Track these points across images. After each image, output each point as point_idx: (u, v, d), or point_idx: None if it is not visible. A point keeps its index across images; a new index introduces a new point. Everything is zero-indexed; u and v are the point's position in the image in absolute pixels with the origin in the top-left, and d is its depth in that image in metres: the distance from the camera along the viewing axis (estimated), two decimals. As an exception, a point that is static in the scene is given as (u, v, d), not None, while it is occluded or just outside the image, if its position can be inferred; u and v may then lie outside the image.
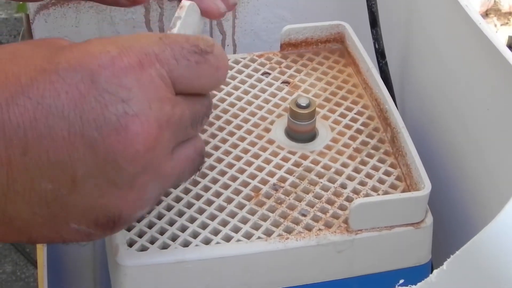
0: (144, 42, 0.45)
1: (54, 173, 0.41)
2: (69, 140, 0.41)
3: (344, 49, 0.72)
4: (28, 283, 1.43)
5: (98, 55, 0.43)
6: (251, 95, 0.68)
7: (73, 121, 0.41)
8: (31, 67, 0.42)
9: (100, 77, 0.42)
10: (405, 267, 0.59)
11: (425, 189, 0.57)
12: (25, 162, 0.41)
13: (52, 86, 0.41)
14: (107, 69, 0.42)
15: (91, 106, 0.42)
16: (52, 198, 0.42)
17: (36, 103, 0.40)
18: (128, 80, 0.43)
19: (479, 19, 0.62)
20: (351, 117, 0.66)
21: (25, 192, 0.41)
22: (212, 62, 0.47)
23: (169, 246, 0.55)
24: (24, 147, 0.40)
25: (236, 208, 0.58)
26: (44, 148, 0.41)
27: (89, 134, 0.42)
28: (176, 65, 0.45)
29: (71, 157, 0.41)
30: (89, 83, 0.42)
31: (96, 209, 0.44)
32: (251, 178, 0.60)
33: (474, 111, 0.65)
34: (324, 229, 0.57)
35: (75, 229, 0.44)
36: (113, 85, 0.42)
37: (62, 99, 0.41)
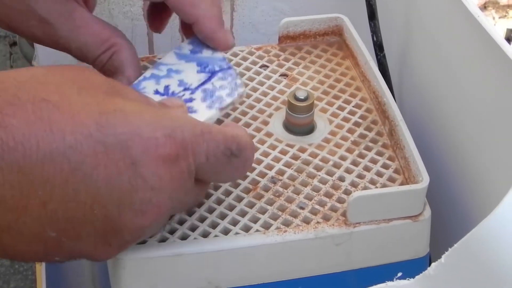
0: (188, 132, 0.46)
1: (63, 226, 0.43)
2: (90, 207, 0.43)
3: (342, 42, 0.72)
4: (26, 276, 1.43)
5: (146, 140, 0.44)
6: (249, 88, 0.68)
7: (101, 194, 0.43)
8: (78, 124, 0.42)
9: (140, 162, 0.44)
10: (403, 260, 0.59)
11: (423, 182, 0.57)
12: (40, 213, 0.41)
13: (95, 157, 0.42)
14: (149, 155, 0.44)
15: (123, 186, 0.43)
16: (52, 242, 0.44)
17: (74, 168, 0.41)
18: (163, 170, 0.45)
19: (477, 12, 0.62)
20: (349, 110, 0.66)
21: (29, 235, 0.43)
22: (235, 165, 0.50)
23: (167, 239, 0.55)
24: (46, 201, 0.41)
25: (234, 201, 0.58)
26: (65, 207, 0.42)
27: (110, 209, 0.44)
28: (205, 162, 0.47)
29: (85, 217, 0.44)
30: (129, 163, 0.43)
31: (83, 254, 0.46)
32: (249, 171, 0.60)
33: (472, 104, 0.65)
34: (322, 222, 0.57)
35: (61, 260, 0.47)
36: (149, 172, 0.44)
37: (99, 171, 0.42)
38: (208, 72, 0.62)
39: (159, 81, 0.60)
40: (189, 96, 0.60)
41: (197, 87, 0.61)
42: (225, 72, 0.62)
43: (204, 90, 0.60)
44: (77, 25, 0.59)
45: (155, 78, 0.60)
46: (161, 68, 0.62)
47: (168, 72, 0.61)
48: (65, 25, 0.59)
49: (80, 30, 0.59)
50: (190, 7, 0.60)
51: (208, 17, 0.61)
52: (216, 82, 0.61)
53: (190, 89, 0.61)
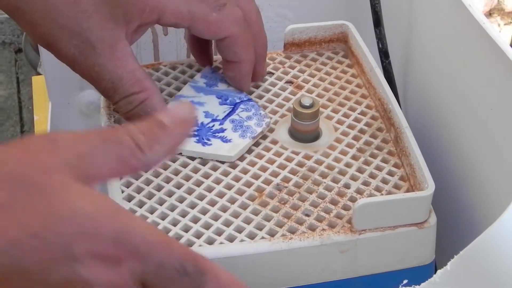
0: (140, 237, 0.42)
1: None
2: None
3: (348, 49, 0.72)
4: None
5: (90, 238, 0.41)
6: (255, 95, 0.68)
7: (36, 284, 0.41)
8: (23, 226, 0.40)
9: (80, 259, 0.41)
10: (408, 267, 0.59)
11: (429, 189, 0.57)
12: None
13: (36, 253, 0.40)
14: (90, 254, 0.41)
15: (58, 282, 0.41)
16: None
17: (14, 262, 0.41)
18: (101, 270, 0.41)
19: (483, 19, 0.62)
20: (355, 117, 0.66)
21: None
22: (185, 286, 0.43)
23: (172, 246, 0.55)
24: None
25: (240, 208, 0.58)
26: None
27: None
28: (154, 272, 0.42)
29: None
30: (69, 260, 0.41)
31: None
32: (255, 178, 0.60)
33: (477, 111, 0.65)
34: (328, 229, 0.57)
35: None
36: (87, 270, 0.41)
37: (37, 266, 0.40)
38: (230, 103, 0.64)
39: None
40: (219, 126, 0.62)
41: (224, 117, 0.63)
42: (247, 103, 0.64)
43: (233, 121, 0.63)
44: (117, 57, 0.58)
45: None
46: (182, 101, 0.63)
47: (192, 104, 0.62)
48: (107, 53, 0.58)
49: (118, 62, 0.58)
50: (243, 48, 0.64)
51: (251, 61, 0.65)
52: (241, 113, 0.64)
53: (218, 120, 0.63)
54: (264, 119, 0.63)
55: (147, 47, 0.84)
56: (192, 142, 0.61)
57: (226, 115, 0.63)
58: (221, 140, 0.62)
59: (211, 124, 0.62)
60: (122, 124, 0.63)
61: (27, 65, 1.87)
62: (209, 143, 0.61)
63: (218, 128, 0.62)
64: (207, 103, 0.64)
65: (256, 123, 0.63)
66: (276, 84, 0.69)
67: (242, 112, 0.64)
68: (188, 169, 0.61)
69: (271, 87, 0.69)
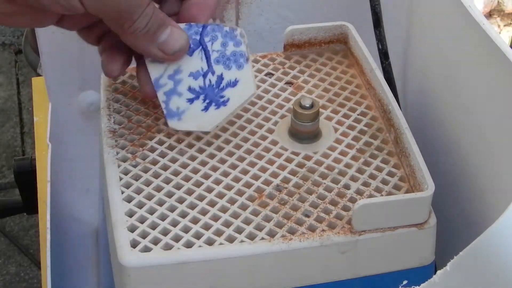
0: None
1: None
2: None
3: (348, 50, 0.72)
4: (32, 284, 1.43)
5: None
6: (255, 96, 0.68)
7: None
8: None
9: None
10: (408, 268, 0.59)
11: (429, 190, 0.57)
12: None
13: None
14: None
15: None
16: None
17: None
18: None
19: (483, 20, 0.62)
20: (355, 118, 0.66)
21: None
22: None
23: (172, 247, 0.55)
24: None
25: (240, 209, 0.58)
26: None
27: None
28: None
29: None
30: None
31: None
32: (255, 179, 0.60)
33: (477, 112, 0.65)
34: (328, 230, 0.57)
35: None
36: None
37: None
38: (196, 46, 0.58)
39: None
40: (215, 76, 0.58)
41: (208, 64, 0.58)
42: (206, 32, 0.58)
43: (217, 60, 0.58)
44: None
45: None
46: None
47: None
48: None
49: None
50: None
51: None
52: (214, 45, 0.58)
53: (208, 71, 0.58)
54: (235, 32, 0.58)
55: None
56: (213, 111, 0.58)
57: (207, 60, 0.58)
58: (230, 87, 0.59)
59: (207, 82, 0.58)
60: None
61: (27, 66, 1.88)
62: (225, 98, 0.58)
63: (216, 78, 0.59)
64: (181, 65, 0.58)
65: (235, 44, 0.58)
66: (276, 85, 0.69)
67: (213, 44, 0.58)
68: (187, 170, 0.61)
69: (271, 88, 0.69)
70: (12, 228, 1.52)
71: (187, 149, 0.62)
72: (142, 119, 0.65)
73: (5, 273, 1.44)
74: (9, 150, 1.74)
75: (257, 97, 0.68)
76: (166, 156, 0.62)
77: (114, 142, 0.63)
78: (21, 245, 1.48)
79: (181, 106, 0.59)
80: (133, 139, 0.63)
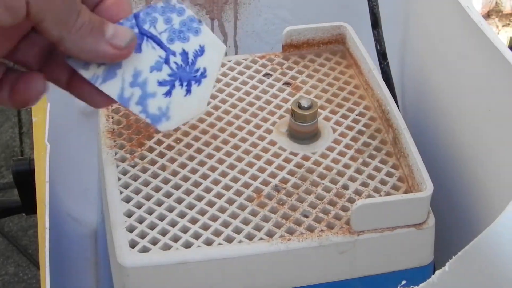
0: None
1: None
2: None
3: (346, 50, 0.72)
4: (31, 284, 1.43)
5: None
6: (253, 97, 0.68)
7: None
8: None
9: None
10: (407, 268, 0.59)
11: (427, 190, 0.57)
12: None
13: None
14: None
15: None
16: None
17: None
18: None
19: (481, 20, 0.62)
20: (353, 118, 0.66)
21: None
22: None
23: (171, 247, 0.55)
24: None
25: (238, 209, 0.58)
26: None
27: None
28: None
29: None
30: None
31: None
32: (253, 179, 0.60)
33: (475, 112, 0.65)
34: (326, 230, 0.57)
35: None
36: None
37: None
38: (142, 33, 0.51)
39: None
40: (178, 57, 0.51)
41: (165, 49, 0.51)
42: (144, 15, 0.51)
43: (171, 39, 0.51)
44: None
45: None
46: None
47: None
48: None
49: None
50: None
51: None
52: (158, 26, 0.51)
53: (167, 54, 0.51)
54: (171, 3, 0.51)
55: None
56: (197, 89, 0.51)
57: (160, 46, 0.51)
58: (199, 56, 0.52)
59: (173, 66, 0.51)
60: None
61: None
62: (201, 69, 0.51)
63: (180, 57, 0.51)
64: (136, 65, 0.51)
65: (178, 14, 0.51)
66: (274, 85, 0.69)
67: (156, 26, 0.51)
68: (186, 170, 0.61)
69: (269, 89, 0.69)
70: (10, 228, 1.52)
71: (185, 149, 0.62)
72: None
73: (3, 273, 1.43)
74: (8, 150, 1.74)
75: (255, 98, 0.68)
76: (164, 156, 0.62)
77: (113, 142, 0.63)
78: (19, 245, 1.48)
79: (161, 104, 0.52)
80: (131, 139, 0.63)
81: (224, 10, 0.86)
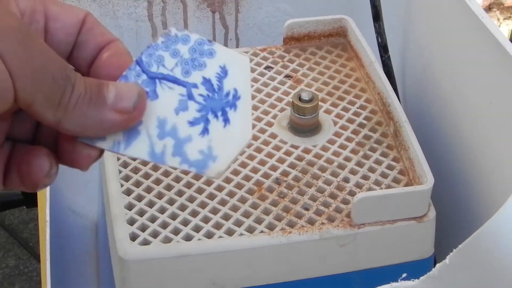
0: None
1: None
2: None
3: (347, 43, 0.72)
4: (31, 277, 1.43)
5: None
6: (254, 89, 0.68)
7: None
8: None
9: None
10: (408, 261, 0.59)
11: (428, 183, 0.57)
12: None
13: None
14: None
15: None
16: None
17: None
18: None
19: (482, 13, 0.62)
20: (354, 111, 0.66)
21: None
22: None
23: (171, 240, 0.55)
24: None
25: (239, 202, 0.58)
26: None
27: None
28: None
29: None
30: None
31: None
32: (254, 172, 0.60)
33: (476, 105, 0.65)
34: (327, 223, 0.57)
35: None
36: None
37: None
38: (152, 85, 0.44)
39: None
40: (201, 85, 0.44)
41: (184, 85, 0.44)
42: (148, 64, 0.44)
43: (186, 72, 0.45)
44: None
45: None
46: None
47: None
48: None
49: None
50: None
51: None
52: (168, 65, 0.44)
53: (189, 93, 0.44)
54: (170, 35, 0.44)
55: (147, 41, 0.84)
56: (234, 115, 0.44)
57: (177, 83, 0.44)
58: (224, 78, 0.45)
59: (199, 98, 0.44)
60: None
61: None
62: (230, 92, 0.44)
63: (203, 87, 0.44)
64: (158, 115, 0.44)
65: (183, 43, 0.44)
66: (275, 78, 0.69)
67: (165, 65, 0.44)
68: (187, 163, 0.61)
69: (270, 81, 0.69)
70: (11, 221, 1.52)
71: (186, 142, 0.62)
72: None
73: (4, 266, 1.44)
74: (9, 143, 1.74)
75: (256, 91, 0.68)
76: (165, 149, 0.62)
77: (114, 135, 0.63)
78: (20, 238, 1.48)
79: (202, 146, 0.44)
80: (132, 132, 0.63)
81: (225, 3, 0.86)
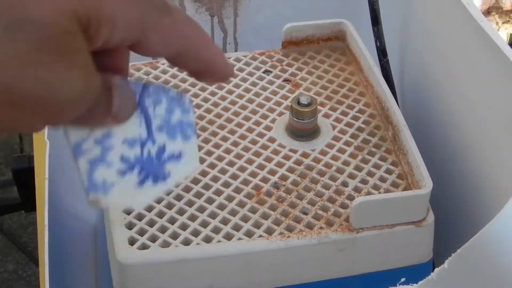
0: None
1: None
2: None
3: (346, 47, 0.72)
4: (30, 282, 1.43)
5: None
6: (252, 93, 0.68)
7: None
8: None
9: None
10: (406, 266, 0.59)
11: (427, 187, 0.57)
12: None
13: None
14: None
15: None
16: None
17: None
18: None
19: (481, 17, 0.62)
20: (353, 115, 0.66)
21: None
22: None
23: (170, 245, 0.55)
24: None
25: (237, 206, 0.58)
26: None
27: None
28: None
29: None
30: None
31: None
32: (252, 176, 0.60)
33: (475, 109, 0.65)
34: (326, 228, 0.57)
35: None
36: None
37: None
38: (138, 107, 0.44)
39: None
40: (155, 147, 0.46)
41: (148, 131, 0.45)
42: (147, 91, 0.45)
43: (160, 128, 0.46)
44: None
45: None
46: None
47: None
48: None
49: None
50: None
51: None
52: (157, 109, 0.45)
53: (147, 139, 0.45)
54: (183, 99, 0.45)
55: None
56: (149, 186, 0.45)
57: (147, 127, 0.45)
58: (173, 161, 0.46)
59: (145, 152, 0.45)
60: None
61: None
62: (166, 172, 0.46)
63: (156, 149, 0.46)
64: (113, 128, 0.44)
65: (182, 111, 0.46)
66: (274, 82, 0.69)
67: (156, 108, 0.45)
68: (185, 168, 0.61)
69: (269, 85, 0.69)
70: (10, 226, 1.52)
71: (185, 146, 0.62)
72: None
73: (3, 270, 1.44)
74: (7, 147, 1.73)
75: (255, 95, 0.68)
76: (164, 154, 0.62)
77: (112, 140, 0.63)
78: (19, 243, 1.48)
79: (109, 178, 0.44)
80: (131, 137, 0.63)
81: (223, 7, 0.86)
